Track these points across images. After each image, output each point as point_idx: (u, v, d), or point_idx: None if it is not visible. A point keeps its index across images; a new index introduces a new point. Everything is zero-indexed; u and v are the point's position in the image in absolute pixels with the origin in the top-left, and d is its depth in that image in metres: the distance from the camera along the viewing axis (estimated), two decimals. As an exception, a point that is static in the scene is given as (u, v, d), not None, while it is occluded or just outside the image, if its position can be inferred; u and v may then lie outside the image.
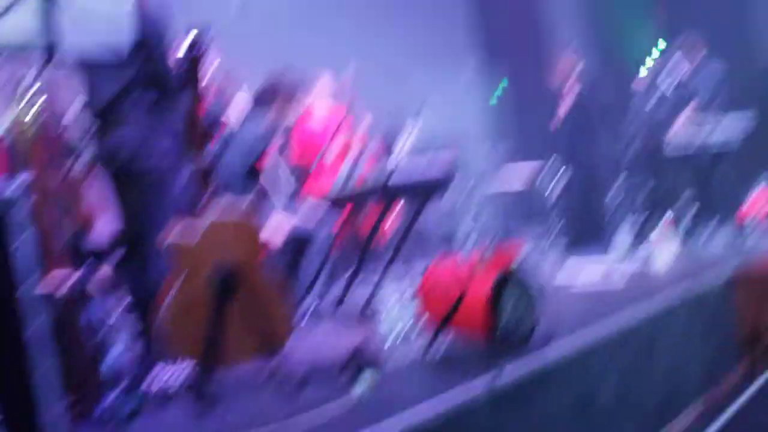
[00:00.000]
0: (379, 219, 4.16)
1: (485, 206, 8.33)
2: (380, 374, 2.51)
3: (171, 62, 3.03)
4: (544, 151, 7.77)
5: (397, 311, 2.95)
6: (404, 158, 5.89)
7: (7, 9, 2.00)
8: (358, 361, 2.58)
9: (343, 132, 5.49)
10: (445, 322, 2.76)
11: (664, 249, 4.82)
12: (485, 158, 8.74)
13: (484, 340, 2.69)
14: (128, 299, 2.87)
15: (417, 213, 4.10)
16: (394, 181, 3.71)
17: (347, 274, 4.14)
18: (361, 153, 5.24)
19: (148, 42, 2.97)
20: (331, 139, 5.41)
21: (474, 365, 2.50)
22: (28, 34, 2.20)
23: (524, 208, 7.98)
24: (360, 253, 4.13)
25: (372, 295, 3.68)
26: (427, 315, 2.89)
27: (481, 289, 2.67)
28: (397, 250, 4.01)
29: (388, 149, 6.89)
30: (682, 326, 3.43)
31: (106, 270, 2.84)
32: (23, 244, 1.94)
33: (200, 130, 2.75)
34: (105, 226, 2.95)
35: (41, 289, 2.38)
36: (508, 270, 2.76)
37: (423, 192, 3.98)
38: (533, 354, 2.62)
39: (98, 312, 2.47)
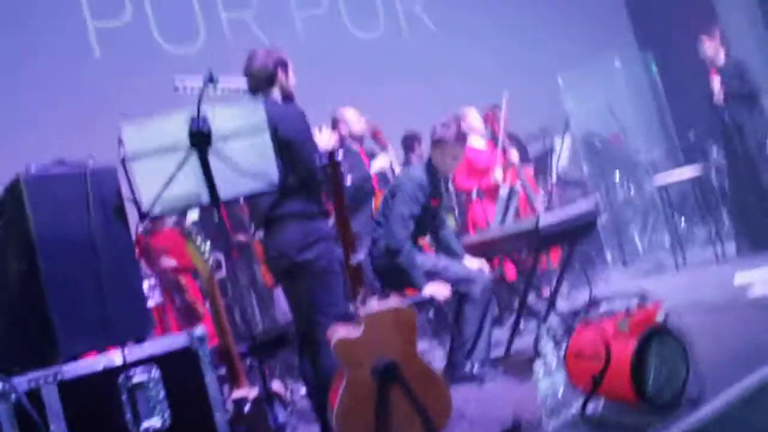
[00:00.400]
0: (533, 266, 4.31)
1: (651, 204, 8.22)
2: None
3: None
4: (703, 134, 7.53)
5: (551, 372, 3.08)
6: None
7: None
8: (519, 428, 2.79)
9: (498, 165, 5.63)
10: (594, 389, 2.88)
11: None
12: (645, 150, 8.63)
13: (635, 403, 2.79)
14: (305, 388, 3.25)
15: (568, 257, 4.23)
16: (544, 229, 3.85)
17: (510, 324, 4.33)
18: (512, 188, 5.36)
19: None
20: (487, 173, 5.60)
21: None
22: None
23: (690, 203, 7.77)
24: (519, 302, 4.31)
25: (534, 349, 3.84)
26: (576, 380, 3.02)
27: (625, 352, 2.78)
28: (552, 298, 4.15)
29: (541, 171, 7.00)
30: None
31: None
32: (211, 381, 2.37)
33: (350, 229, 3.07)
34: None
35: (235, 394, 2.84)
36: (652, 328, 2.83)
37: (573, 235, 4.09)
38: (686, 414, 2.68)
39: (282, 412, 2.86)
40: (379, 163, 5.25)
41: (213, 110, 2.36)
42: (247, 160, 2.42)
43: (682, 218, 8.16)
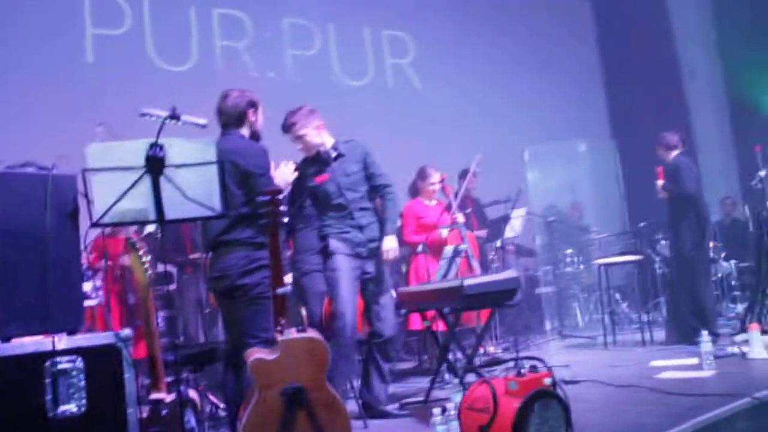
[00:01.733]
0: (454, 322, 4.62)
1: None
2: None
3: None
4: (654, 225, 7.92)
5: (448, 420, 3.36)
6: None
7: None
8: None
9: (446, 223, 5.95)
10: (479, 439, 3.17)
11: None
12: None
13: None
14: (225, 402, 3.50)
15: (489, 319, 4.55)
16: (468, 289, 4.16)
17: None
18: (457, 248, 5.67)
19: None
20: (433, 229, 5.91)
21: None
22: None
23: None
24: (439, 355, 4.61)
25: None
26: (466, 430, 3.31)
27: (510, 408, 3.08)
28: (472, 355, 4.46)
29: (495, 237, 7.35)
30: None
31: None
32: (129, 378, 2.64)
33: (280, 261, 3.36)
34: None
35: (153, 395, 3.09)
36: (538, 390, 3.14)
37: (494, 299, 4.40)
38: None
39: (193, 418, 3.11)
40: None
41: (170, 141, 2.68)
42: (194, 189, 2.73)
43: (623, 302, 8.55)
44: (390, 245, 4.34)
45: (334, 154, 4.41)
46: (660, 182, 6.33)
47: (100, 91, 6.85)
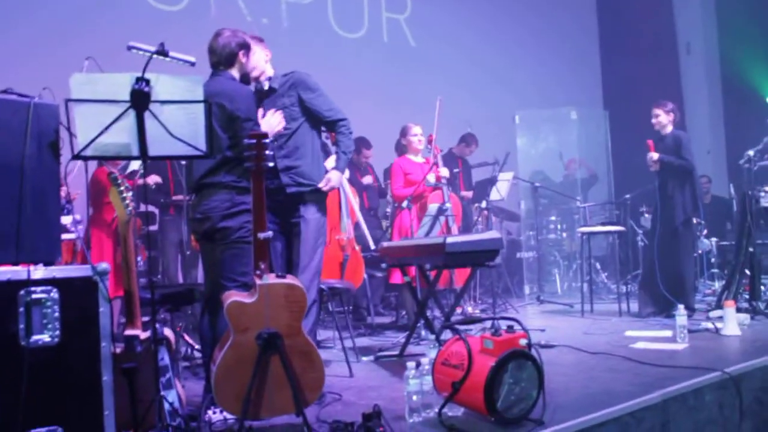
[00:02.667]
0: (435, 279, 4.64)
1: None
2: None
3: None
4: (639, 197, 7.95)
5: (421, 374, 3.39)
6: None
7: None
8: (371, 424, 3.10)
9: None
10: (452, 394, 3.20)
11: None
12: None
13: (485, 413, 3.11)
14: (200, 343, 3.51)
15: (470, 277, 4.57)
16: (450, 246, 4.16)
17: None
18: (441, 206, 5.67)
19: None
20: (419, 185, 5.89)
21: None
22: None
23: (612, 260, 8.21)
24: (417, 311, 4.63)
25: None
26: (439, 385, 3.34)
27: (484, 366, 3.10)
28: (449, 312, 4.49)
29: (480, 198, 7.36)
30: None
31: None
32: (104, 312, 2.62)
33: (263, 206, 3.33)
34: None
35: (128, 331, 3.08)
36: (513, 351, 3.16)
37: (475, 258, 4.41)
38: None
39: (167, 356, 3.11)
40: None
41: (157, 77, 2.62)
42: (179, 127, 2.68)
43: (603, 272, 8.62)
44: (332, 176, 4.11)
45: (266, 87, 4.17)
46: (654, 154, 6.29)
47: (90, 28, 6.71)
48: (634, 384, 3.77)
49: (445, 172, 5.82)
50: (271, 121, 3.81)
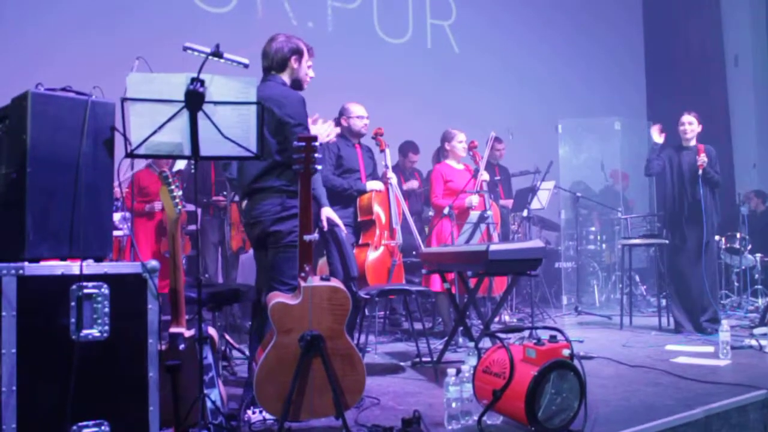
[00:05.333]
0: (475, 287, 4.61)
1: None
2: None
3: None
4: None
5: (462, 381, 3.37)
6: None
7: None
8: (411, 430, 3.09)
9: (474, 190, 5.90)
10: (493, 402, 3.18)
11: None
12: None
13: (526, 423, 3.09)
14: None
15: (511, 286, 4.53)
16: (493, 254, 4.13)
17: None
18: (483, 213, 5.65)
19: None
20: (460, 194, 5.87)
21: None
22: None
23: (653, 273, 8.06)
24: (456, 318, 4.61)
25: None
26: (480, 393, 3.31)
27: (526, 376, 3.08)
28: (489, 321, 4.45)
29: (520, 207, 7.31)
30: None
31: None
32: (152, 309, 2.65)
33: (310, 209, 3.36)
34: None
35: (172, 329, 3.12)
36: (556, 361, 3.13)
37: (517, 267, 4.36)
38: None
39: (210, 354, 3.14)
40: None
41: (212, 78, 2.66)
42: (231, 128, 2.71)
43: (643, 285, 8.49)
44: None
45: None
46: (704, 158, 6.11)
47: (138, 28, 6.83)
48: (675, 399, 3.71)
49: (485, 175, 5.81)
50: (320, 129, 3.83)
